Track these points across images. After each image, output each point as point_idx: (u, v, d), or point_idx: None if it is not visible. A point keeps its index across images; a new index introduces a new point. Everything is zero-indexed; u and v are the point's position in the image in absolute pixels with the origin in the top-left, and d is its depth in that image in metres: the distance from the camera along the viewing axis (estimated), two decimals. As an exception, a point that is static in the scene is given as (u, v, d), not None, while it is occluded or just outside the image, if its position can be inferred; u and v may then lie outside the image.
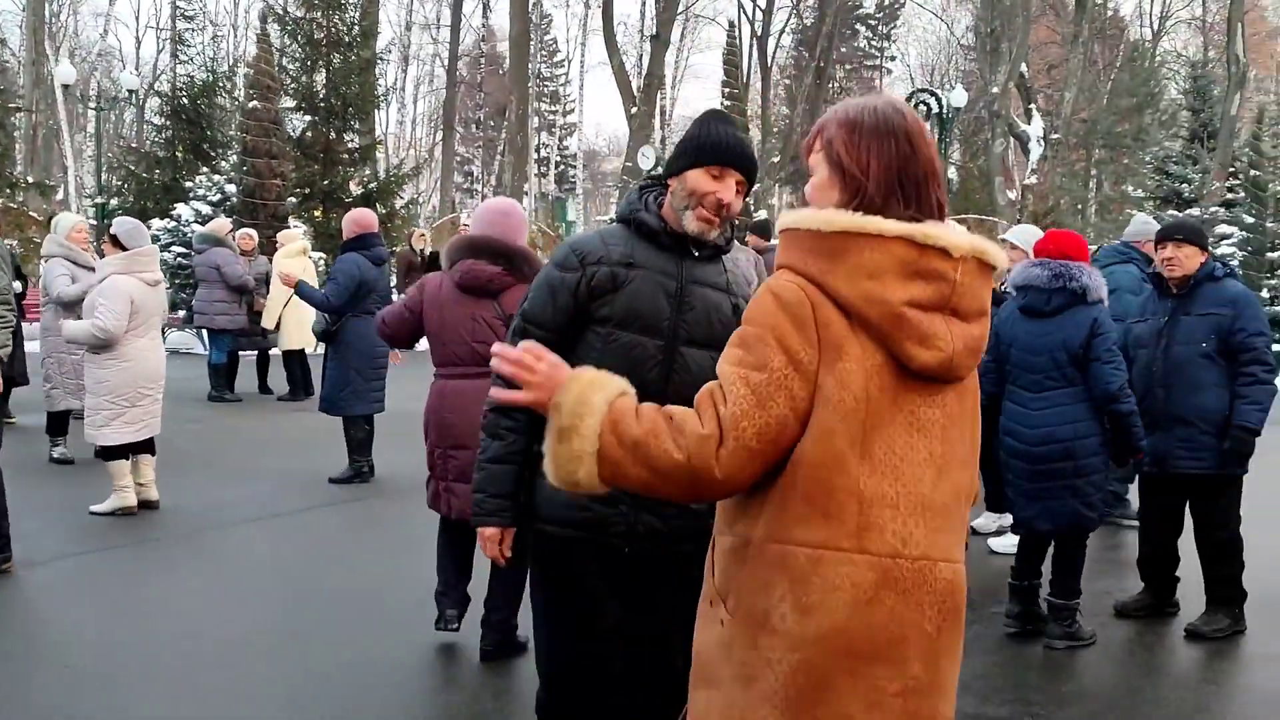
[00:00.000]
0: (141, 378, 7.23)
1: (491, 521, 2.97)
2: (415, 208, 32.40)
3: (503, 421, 2.92)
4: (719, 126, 2.89)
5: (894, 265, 1.96)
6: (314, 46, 25.49)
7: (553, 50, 61.10)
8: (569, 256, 2.89)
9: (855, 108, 2.11)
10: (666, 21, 41.32)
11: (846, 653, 1.93)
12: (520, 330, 2.88)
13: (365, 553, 6.72)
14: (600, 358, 2.68)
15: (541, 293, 2.90)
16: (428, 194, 48.21)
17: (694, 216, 2.82)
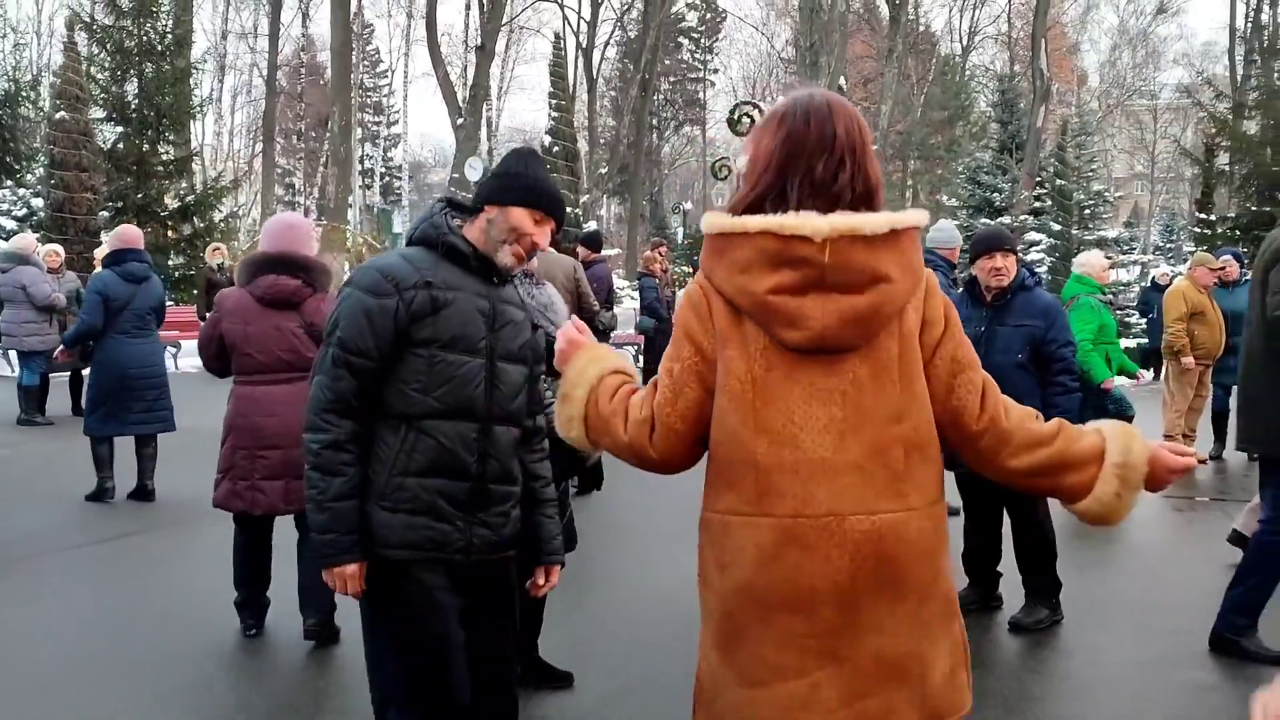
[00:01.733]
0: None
1: (348, 559, 2.85)
2: (235, 221, 31.51)
3: (341, 456, 2.83)
4: (543, 172, 3.06)
5: (759, 258, 2.14)
6: (125, 55, 24.53)
7: (375, 60, 60.32)
8: (380, 282, 2.84)
9: (784, 100, 2.28)
10: (491, 33, 41.19)
11: (755, 603, 2.17)
12: (342, 361, 2.82)
13: (188, 575, 6.49)
14: (426, 380, 2.86)
15: (357, 321, 2.83)
16: (248, 207, 46.95)
17: (509, 252, 2.96)
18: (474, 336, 2.92)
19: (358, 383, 2.82)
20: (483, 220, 2.96)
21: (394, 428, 2.86)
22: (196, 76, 27.96)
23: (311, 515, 2.86)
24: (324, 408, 2.83)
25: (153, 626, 5.57)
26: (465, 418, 2.90)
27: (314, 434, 2.83)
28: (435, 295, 2.86)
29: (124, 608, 5.91)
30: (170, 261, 23.97)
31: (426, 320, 2.84)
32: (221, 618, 5.60)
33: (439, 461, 2.88)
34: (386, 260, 2.92)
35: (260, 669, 5.03)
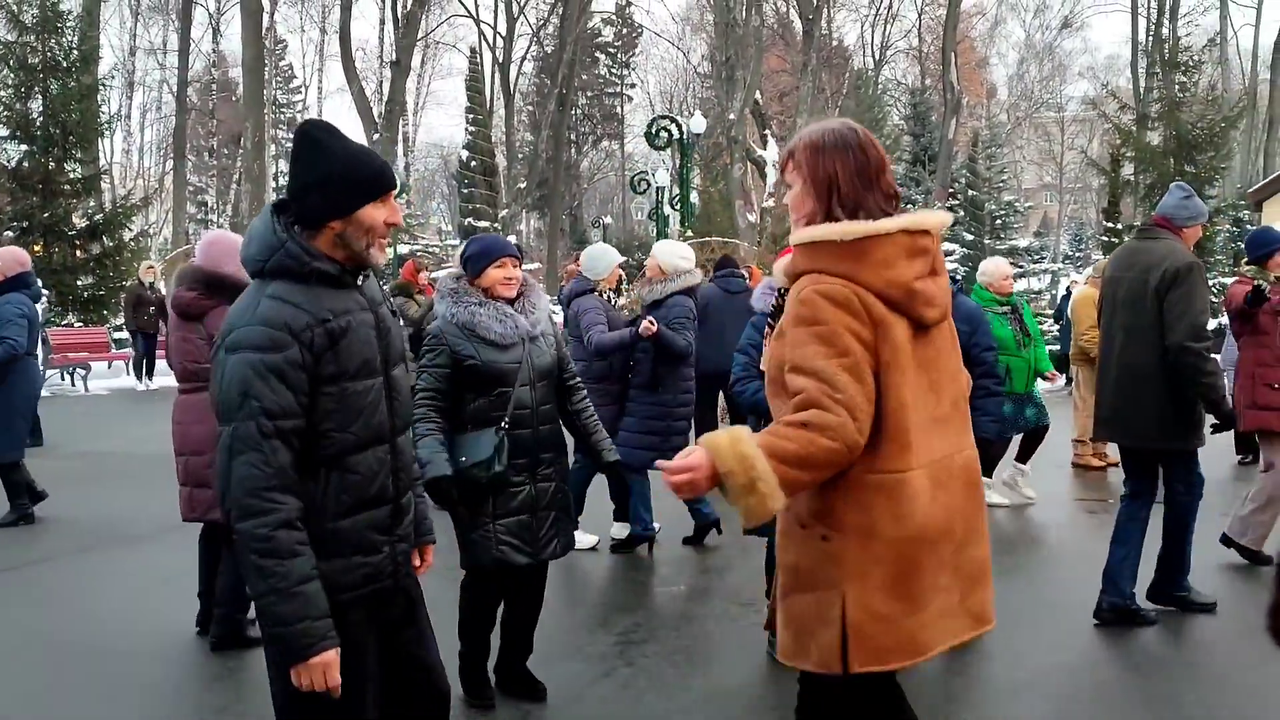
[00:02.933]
0: None
1: (327, 644, 2.57)
2: (146, 239, 30.86)
3: (295, 535, 2.56)
4: (351, 144, 2.78)
5: (900, 253, 2.64)
6: (29, 72, 23.94)
7: (289, 76, 59.63)
8: (274, 335, 2.57)
9: (817, 131, 2.75)
10: (406, 48, 40.96)
11: (925, 540, 2.64)
12: (271, 431, 2.55)
13: (106, 603, 6.32)
14: (341, 416, 2.68)
15: (264, 383, 2.54)
16: (159, 225, 46.09)
17: (377, 250, 2.76)
18: (372, 357, 2.77)
19: (292, 450, 2.58)
20: (330, 235, 2.70)
21: (313, 474, 2.65)
22: (104, 93, 27.32)
23: (275, 607, 2.53)
24: (263, 486, 2.52)
25: (62, 655, 5.43)
26: (377, 443, 2.77)
27: (258, 518, 2.52)
28: (330, 328, 2.65)
29: (29, 636, 5.76)
30: (79, 281, 23.42)
31: (327, 356, 2.64)
32: (132, 645, 5.47)
33: (363, 495, 2.74)
34: (261, 311, 2.61)
35: (168, 692, 4.92)
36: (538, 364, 4.48)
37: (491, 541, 4.40)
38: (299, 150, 2.73)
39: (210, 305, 5.27)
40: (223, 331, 2.64)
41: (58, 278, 22.60)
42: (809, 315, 2.59)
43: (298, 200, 2.72)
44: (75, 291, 23.23)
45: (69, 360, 18.82)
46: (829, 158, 2.68)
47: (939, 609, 2.68)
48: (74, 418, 14.42)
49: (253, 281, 2.71)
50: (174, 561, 7.03)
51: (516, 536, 4.43)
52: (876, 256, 2.61)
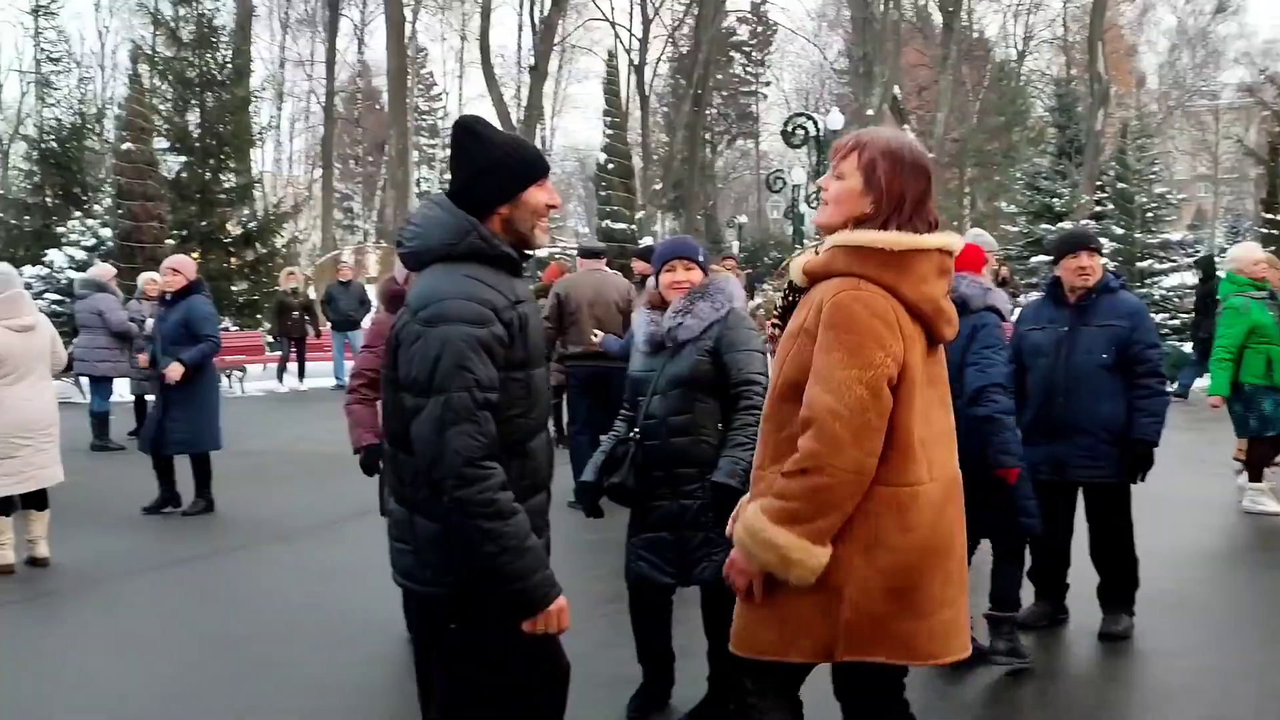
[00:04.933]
0: (15, 427, 6.93)
1: (558, 590, 2.71)
2: (295, 246, 31.89)
3: (510, 494, 2.63)
4: (503, 134, 2.88)
5: (934, 270, 2.73)
6: (186, 86, 24.96)
7: (430, 84, 60.88)
8: (481, 311, 2.64)
9: (897, 142, 2.78)
10: (544, 53, 41.47)
11: (932, 552, 2.70)
12: (483, 402, 2.61)
13: (261, 596, 6.57)
14: (528, 402, 2.76)
15: (476, 356, 2.60)
16: (308, 232, 47.53)
17: (540, 231, 2.85)
18: (543, 344, 2.88)
19: (495, 421, 2.64)
20: (498, 220, 2.79)
21: (503, 460, 2.67)
22: (256, 105, 28.38)
23: (511, 564, 2.61)
24: (480, 455, 2.58)
25: (227, 647, 5.65)
26: (544, 429, 2.87)
27: (479, 483, 2.58)
28: (520, 312, 2.73)
29: (196, 629, 6.01)
30: (234, 287, 24.32)
31: (519, 340, 2.71)
32: (295, 639, 5.67)
33: (536, 480, 2.83)
34: (466, 287, 2.67)
35: (330, 689, 5.08)
36: (669, 371, 4.24)
37: (632, 556, 4.37)
38: (460, 144, 2.82)
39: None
40: (415, 306, 2.69)
41: (214, 284, 23.42)
42: (842, 321, 2.62)
43: (465, 191, 2.79)
44: (230, 297, 24.11)
45: (225, 363, 19.51)
46: (907, 174, 2.74)
47: (945, 621, 2.74)
48: (231, 419, 14.93)
49: (435, 264, 2.76)
50: (328, 557, 7.28)
51: (657, 554, 4.28)
52: (917, 271, 2.69)
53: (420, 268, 2.80)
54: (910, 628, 2.69)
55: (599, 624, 5.60)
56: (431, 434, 2.61)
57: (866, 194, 2.73)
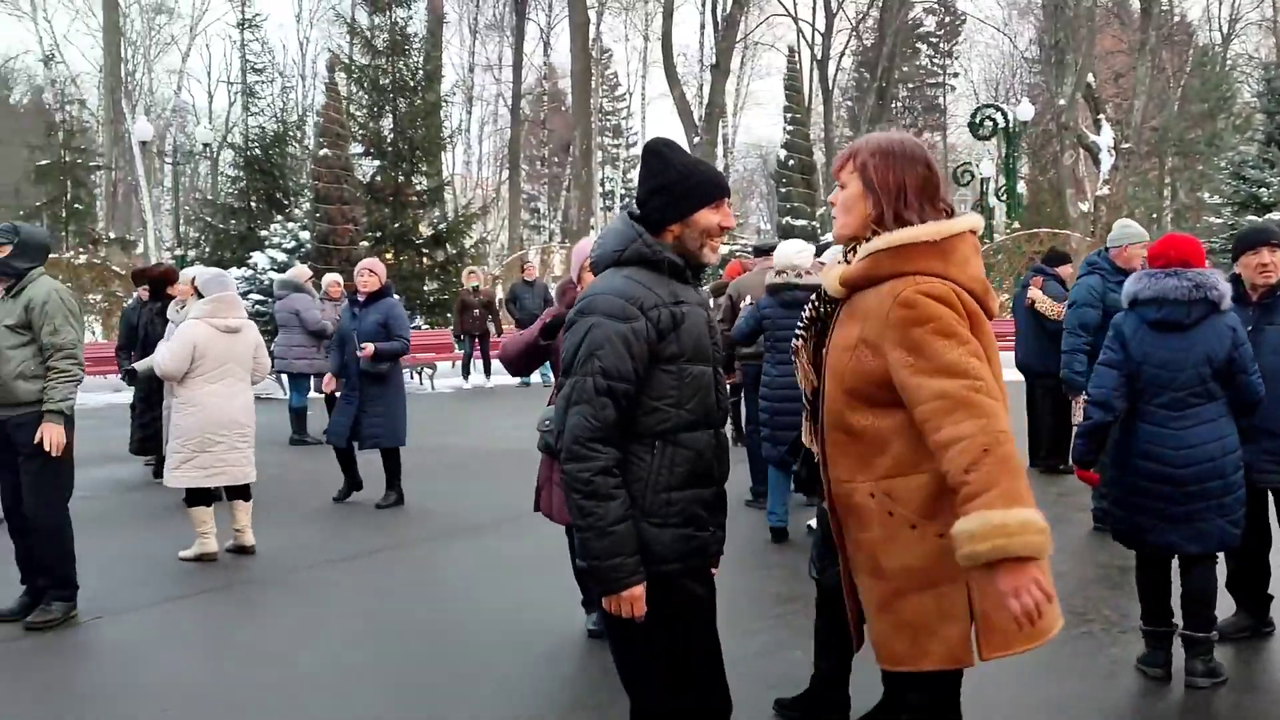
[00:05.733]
0: (210, 423, 7.30)
1: (634, 580, 2.85)
2: (484, 246, 32.70)
3: (611, 481, 2.84)
4: (689, 157, 3.10)
5: (971, 250, 2.83)
6: (380, 92, 25.91)
7: (614, 84, 61.52)
8: (625, 306, 2.87)
9: (885, 140, 2.87)
10: (726, 50, 41.48)
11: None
12: (606, 390, 2.83)
13: (447, 587, 6.76)
14: (679, 394, 2.93)
15: (615, 348, 2.85)
16: (495, 232, 48.68)
17: (709, 250, 3.06)
18: (707, 345, 3.03)
19: (620, 409, 2.85)
20: (669, 237, 3.02)
21: (648, 445, 2.91)
22: (446, 109, 29.26)
23: (591, 543, 2.85)
24: (590, 436, 2.84)
25: (413, 636, 5.83)
26: (706, 425, 3.00)
27: (582, 463, 2.84)
28: (674, 311, 2.92)
29: (390, 617, 6.22)
30: (425, 287, 25.09)
31: (670, 336, 2.90)
32: (478, 630, 5.81)
33: (695, 471, 2.96)
34: (618, 285, 2.93)
35: (510, 680, 5.19)
36: None
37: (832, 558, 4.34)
38: (644, 163, 3.09)
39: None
40: (579, 300, 2.99)
41: (406, 284, 24.28)
42: (920, 316, 2.66)
43: (643, 206, 3.04)
44: (422, 296, 24.90)
45: (416, 360, 20.17)
46: (899, 166, 2.82)
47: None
48: (421, 414, 15.45)
49: (609, 268, 3.03)
50: (512, 550, 7.44)
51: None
52: (959, 253, 2.78)
53: (600, 272, 3.06)
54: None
55: (773, 624, 5.58)
56: (561, 410, 2.93)
57: (867, 194, 2.84)
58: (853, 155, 2.89)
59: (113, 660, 5.70)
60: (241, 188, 27.37)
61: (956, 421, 2.55)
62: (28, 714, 4.91)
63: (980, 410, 2.56)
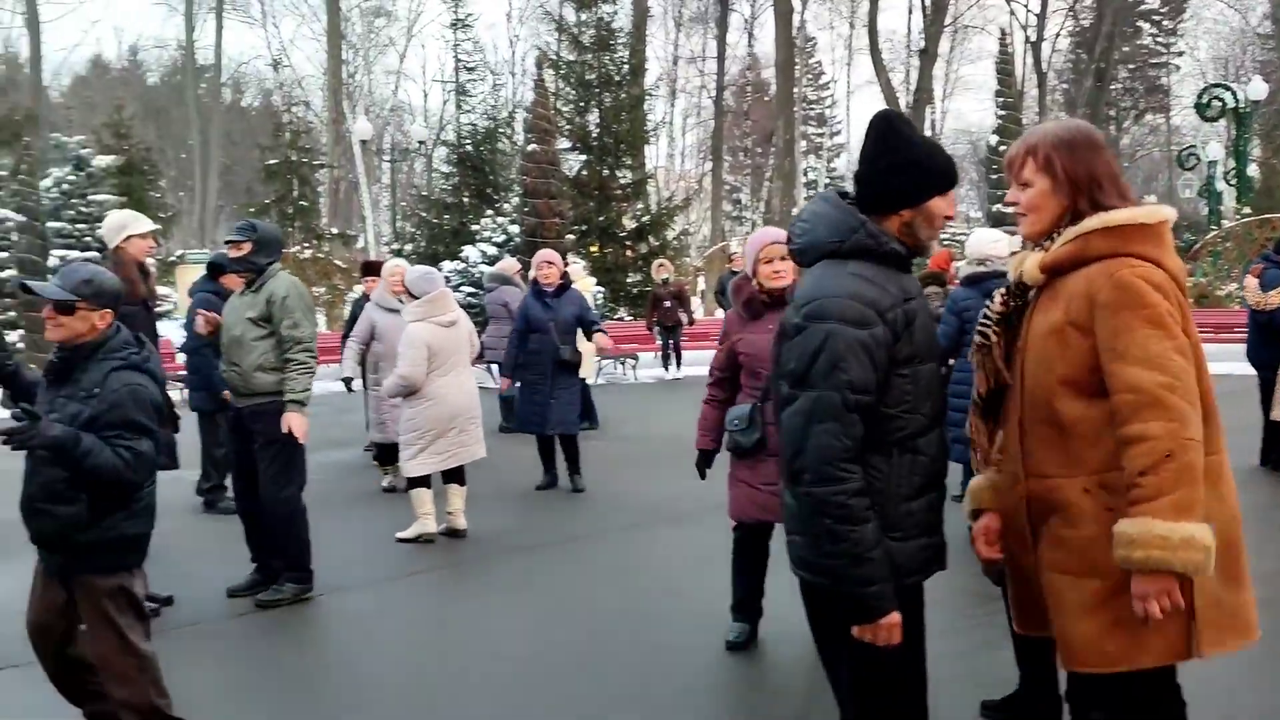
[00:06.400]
0: (445, 414, 7.60)
1: (893, 606, 2.69)
2: (686, 238, 32.88)
3: (864, 502, 2.65)
4: (925, 139, 2.92)
5: (1169, 239, 2.74)
6: (586, 88, 26.33)
7: (818, 73, 60.94)
8: (864, 312, 2.66)
9: (1061, 130, 2.79)
10: (934, 35, 40.54)
11: (1238, 520, 2.72)
12: (854, 405, 2.64)
13: (650, 576, 6.83)
14: (914, 398, 2.76)
15: (857, 358, 2.63)
16: (698, 224, 48.87)
17: (932, 238, 2.89)
18: (934, 340, 2.88)
19: (865, 424, 2.67)
20: (898, 222, 2.81)
21: (885, 455, 2.73)
22: (650, 103, 29.51)
23: (847, 570, 2.66)
24: (840, 457, 2.63)
25: (615, 623, 5.92)
26: (937, 425, 2.85)
27: (835, 485, 2.63)
28: (907, 310, 2.74)
29: (589, 603, 6.33)
30: (629, 279, 25.39)
31: (905, 336, 2.72)
32: (680, 620, 5.86)
33: (929, 476, 2.82)
34: (852, 286, 2.70)
35: (716, 673, 5.20)
36: None
37: None
38: (877, 137, 2.83)
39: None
40: (800, 301, 2.76)
41: (610, 275, 24.62)
42: (1134, 299, 2.58)
43: (871, 183, 2.82)
44: (625, 288, 25.21)
45: (620, 351, 20.45)
46: (1086, 156, 2.73)
47: (1250, 589, 2.72)
48: (624, 404, 15.67)
49: (822, 261, 2.81)
50: (715, 541, 7.44)
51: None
52: (1165, 239, 2.70)
53: (809, 264, 2.85)
54: (1239, 602, 2.67)
55: (981, 623, 5.44)
56: (799, 426, 2.69)
57: (1057, 190, 2.75)
58: (1031, 152, 2.77)
59: (334, 635, 6.00)
60: (454, 183, 28.27)
61: (1145, 420, 2.50)
62: (258, 684, 5.22)
63: (1171, 412, 2.49)
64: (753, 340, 5.19)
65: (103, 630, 3.96)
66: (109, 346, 3.88)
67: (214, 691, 5.02)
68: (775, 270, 5.11)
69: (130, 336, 3.98)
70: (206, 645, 5.73)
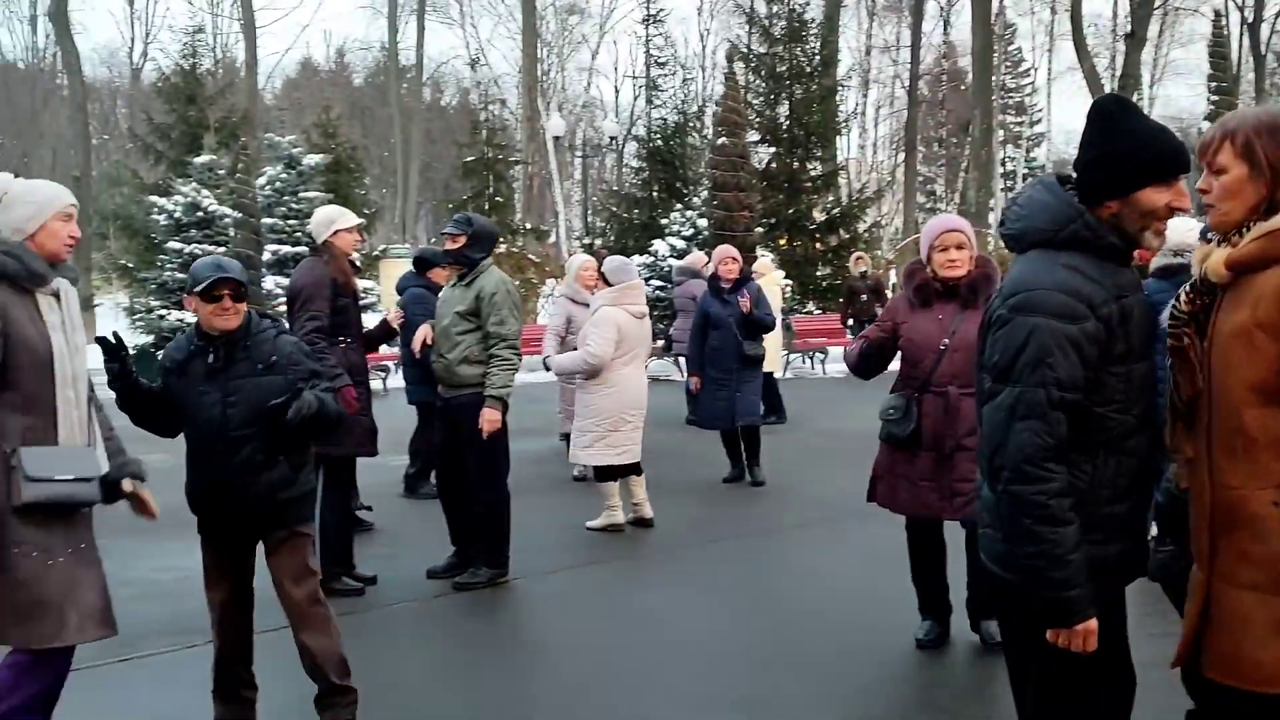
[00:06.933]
0: (625, 404, 7.73)
1: (1091, 612, 2.62)
2: (877, 231, 32.45)
3: (1066, 503, 2.58)
4: (1149, 125, 2.70)
5: None
6: (777, 80, 26.27)
7: (1017, 60, 59.12)
8: (1073, 305, 2.57)
9: (1265, 115, 2.56)
10: (1143, 18, 38.82)
11: None
12: (1059, 403, 2.57)
13: (832, 573, 6.81)
14: (1126, 398, 2.66)
15: (1065, 354, 2.56)
16: (890, 216, 48.13)
17: (1153, 235, 2.69)
18: (1150, 338, 2.73)
19: (1072, 422, 2.59)
20: (1105, 214, 2.67)
21: (1090, 456, 2.64)
22: (842, 94, 29.24)
23: (1045, 572, 2.59)
24: (1043, 455, 2.57)
25: (791, 618, 5.93)
26: (1150, 426, 2.72)
27: (1036, 484, 2.57)
28: (1122, 305, 2.63)
29: (769, 597, 6.36)
30: (818, 272, 25.22)
31: (1119, 333, 2.61)
32: (855, 618, 5.83)
33: (1138, 479, 2.73)
34: (1058, 278, 2.61)
35: (886, 675, 5.17)
36: None
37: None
38: (1089, 125, 2.73)
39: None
40: (1007, 291, 2.69)
41: (799, 269, 24.51)
42: None
43: (1081, 174, 2.72)
44: (814, 281, 25.05)
45: (809, 345, 20.35)
46: None
47: None
48: (812, 398, 15.60)
49: (1034, 250, 2.73)
50: (900, 539, 7.37)
51: None
52: None
53: (1022, 251, 2.77)
54: None
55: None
56: (1000, 421, 2.63)
57: (1256, 177, 2.50)
58: (1229, 136, 2.53)
59: (525, 618, 6.19)
60: (644, 178, 28.59)
61: None
62: (454, 659, 5.44)
63: None
64: (918, 327, 5.11)
65: (307, 579, 4.29)
66: (253, 325, 4.20)
67: (412, 667, 5.27)
68: (951, 259, 5.03)
69: (254, 312, 4.28)
70: (405, 624, 5.99)
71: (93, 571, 3.66)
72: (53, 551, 3.51)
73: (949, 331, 5.01)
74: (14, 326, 3.47)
